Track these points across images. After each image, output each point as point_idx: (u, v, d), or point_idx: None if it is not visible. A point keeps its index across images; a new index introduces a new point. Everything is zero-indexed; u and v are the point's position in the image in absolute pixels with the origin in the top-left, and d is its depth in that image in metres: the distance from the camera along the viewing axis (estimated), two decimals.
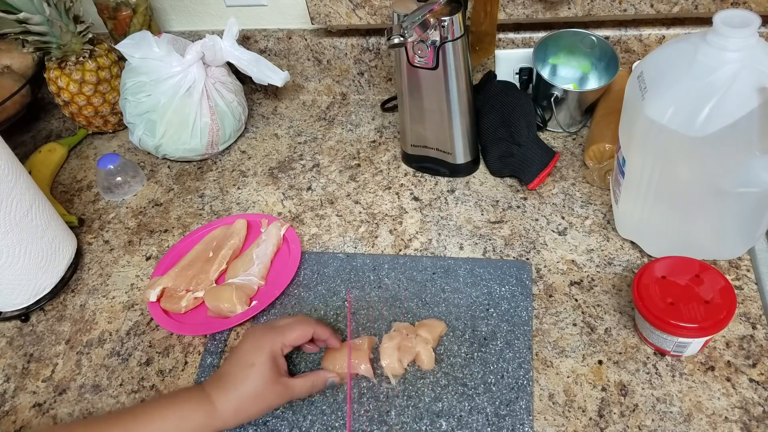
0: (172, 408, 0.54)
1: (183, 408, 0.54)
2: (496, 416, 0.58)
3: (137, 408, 0.55)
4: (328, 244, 0.78)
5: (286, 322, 0.61)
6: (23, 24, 0.84)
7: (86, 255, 0.83)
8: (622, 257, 0.70)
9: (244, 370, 0.56)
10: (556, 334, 0.64)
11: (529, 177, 0.78)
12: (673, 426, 0.56)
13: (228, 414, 0.55)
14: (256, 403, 0.56)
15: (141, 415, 0.53)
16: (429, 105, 0.77)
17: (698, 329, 0.55)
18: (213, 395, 0.55)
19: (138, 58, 0.86)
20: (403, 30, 0.64)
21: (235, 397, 0.55)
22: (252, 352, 0.57)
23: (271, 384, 0.56)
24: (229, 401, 0.55)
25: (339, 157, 0.91)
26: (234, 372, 0.56)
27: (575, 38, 0.84)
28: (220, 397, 0.55)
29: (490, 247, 0.74)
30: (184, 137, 0.89)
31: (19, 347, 0.73)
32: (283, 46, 0.99)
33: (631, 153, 0.62)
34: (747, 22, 0.52)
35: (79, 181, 0.95)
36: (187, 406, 0.54)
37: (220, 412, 0.54)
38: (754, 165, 0.56)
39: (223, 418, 0.54)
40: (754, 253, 0.68)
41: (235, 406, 0.55)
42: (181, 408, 0.54)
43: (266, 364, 0.56)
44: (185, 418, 0.54)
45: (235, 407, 0.55)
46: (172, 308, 0.71)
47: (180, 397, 0.56)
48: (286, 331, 0.59)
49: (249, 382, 0.55)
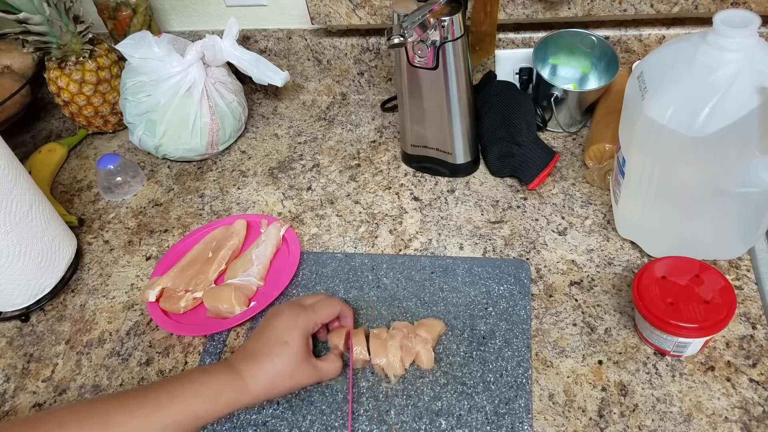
0: (204, 384, 0.54)
1: (215, 384, 0.54)
2: (496, 415, 0.58)
3: (167, 383, 0.54)
4: (328, 244, 0.78)
5: (313, 301, 0.62)
6: (23, 24, 0.84)
7: (86, 255, 0.83)
8: (622, 257, 0.70)
9: (277, 347, 0.56)
10: (556, 334, 0.64)
11: (529, 177, 0.78)
12: (673, 426, 0.56)
13: (259, 390, 0.55)
14: (286, 381, 0.56)
15: (174, 391, 0.53)
16: (429, 105, 0.77)
17: (698, 329, 0.55)
18: (244, 372, 0.55)
19: (138, 58, 0.86)
20: (403, 30, 0.64)
21: (267, 374, 0.55)
22: (286, 331, 0.57)
23: (303, 363, 0.57)
24: (261, 378, 0.55)
25: (339, 157, 0.91)
26: (266, 349, 0.56)
27: (575, 38, 0.84)
28: (252, 373, 0.55)
29: (490, 247, 0.74)
30: (184, 137, 0.89)
31: (19, 347, 0.73)
32: (283, 46, 0.99)
33: (631, 153, 0.62)
34: (747, 22, 0.52)
35: (79, 181, 0.95)
36: (219, 383, 0.54)
37: (252, 389, 0.54)
38: (754, 165, 0.56)
39: (255, 394, 0.55)
40: (754, 253, 0.68)
41: (268, 384, 0.55)
42: (213, 384, 0.54)
43: (299, 343, 0.57)
44: (218, 394, 0.53)
45: (267, 385, 0.55)
46: (171, 308, 0.71)
47: (210, 373, 0.55)
48: (317, 310, 0.60)
49: (282, 360, 0.56)
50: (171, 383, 0.54)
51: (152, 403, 0.51)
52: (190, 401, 0.52)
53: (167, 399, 0.52)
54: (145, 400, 0.52)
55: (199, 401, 0.53)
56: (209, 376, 0.55)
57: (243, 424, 0.60)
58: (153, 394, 0.52)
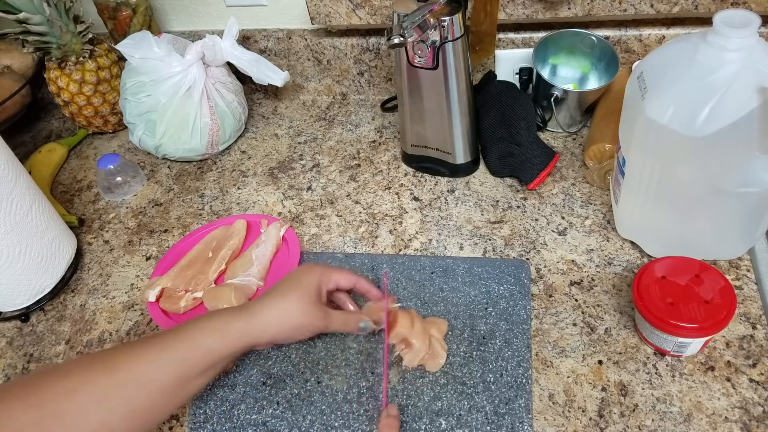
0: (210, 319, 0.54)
1: (221, 318, 0.55)
2: (496, 415, 0.58)
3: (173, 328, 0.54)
4: (328, 244, 0.78)
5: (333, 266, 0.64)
6: (23, 24, 0.84)
7: (86, 255, 0.83)
8: (622, 257, 0.70)
9: (290, 285, 0.58)
10: (556, 334, 0.64)
11: (529, 177, 0.78)
12: (673, 426, 0.56)
13: (267, 324, 0.56)
14: (295, 319, 0.57)
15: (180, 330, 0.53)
16: (429, 105, 0.77)
17: (698, 329, 0.55)
18: (253, 307, 0.56)
19: (138, 58, 0.86)
20: (403, 30, 0.64)
21: (278, 308, 0.56)
22: (302, 275, 0.59)
23: (314, 305, 0.58)
24: (269, 312, 0.56)
25: (339, 157, 0.91)
26: (280, 288, 0.58)
27: (575, 38, 0.84)
28: (261, 307, 0.56)
29: (490, 247, 0.74)
30: (184, 137, 0.89)
31: (19, 347, 0.73)
32: (283, 46, 0.99)
33: (631, 153, 0.62)
34: (747, 22, 0.52)
35: (79, 181, 0.95)
36: (225, 316, 0.55)
37: (259, 321, 0.55)
38: (754, 165, 0.56)
39: (262, 328, 0.55)
40: (754, 253, 0.68)
41: (276, 319, 0.56)
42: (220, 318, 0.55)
43: (313, 286, 0.58)
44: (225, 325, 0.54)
45: (275, 320, 0.56)
46: (171, 308, 0.71)
47: (216, 312, 0.56)
48: (335, 269, 0.62)
49: (294, 297, 0.57)
50: (176, 327, 0.54)
51: (159, 344, 0.52)
52: (197, 335, 0.53)
53: (173, 337, 0.52)
54: (151, 341, 0.52)
55: (206, 334, 0.53)
56: (215, 313, 0.56)
57: (243, 424, 0.60)
58: (160, 337, 0.53)
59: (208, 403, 0.63)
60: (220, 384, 0.64)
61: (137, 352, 0.51)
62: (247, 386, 0.64)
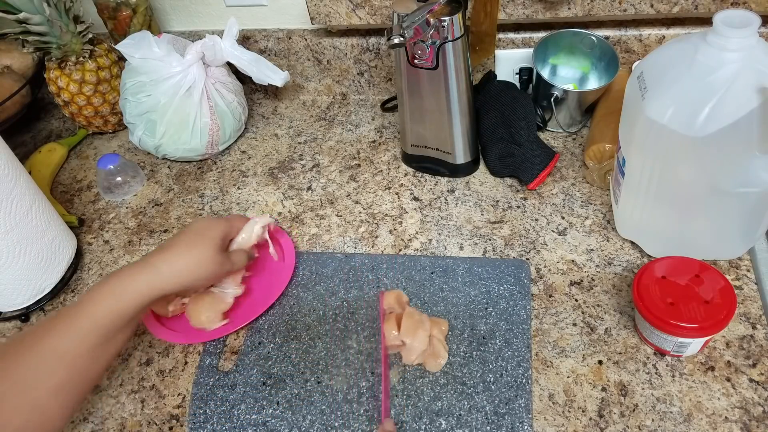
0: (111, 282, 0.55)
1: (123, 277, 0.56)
2: (496, 415, 0.58)
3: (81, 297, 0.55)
4: (328, 244, 0.78)
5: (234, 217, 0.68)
6: (23, 24, 0.84)
7: (86, 255, 0.83)
8: (622, 257, 0.70)
9: (195, 237, 0.61)
10: (556, 334, 0.64)
11: (529, 177, 0.78)
12: (673, 426, 0.56)
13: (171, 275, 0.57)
14: (203, 267, 0.60)
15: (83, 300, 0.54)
16: (429, 105, 0.77)
17: (698, 329, 0.55)
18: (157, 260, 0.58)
19: (138, 58, 0.86)
20: (403, 30, 0.64)
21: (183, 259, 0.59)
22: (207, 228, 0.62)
23: (218, 254, 0.61)
24: (175, 264, 0.58)
25: (339, 157, 0.91)
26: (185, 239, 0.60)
27: (575, 38, 0.84)
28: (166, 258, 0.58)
29: (490, 247, 0.74)
30: (184, 137, 0.89)
31: None
32: (283, 46, 0.99)
33: (631, 153, 0.62)
34: (747, 22, 0.52)
35: (79, 181, 0.95)
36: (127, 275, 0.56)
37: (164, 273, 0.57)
38: (754, 165, 0.56)
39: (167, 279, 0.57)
40: (754, 253, 0.68)
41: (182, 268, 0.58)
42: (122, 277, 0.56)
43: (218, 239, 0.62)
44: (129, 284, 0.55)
45: (181, 268, 0.58)
46: (160, 311, 0.70)
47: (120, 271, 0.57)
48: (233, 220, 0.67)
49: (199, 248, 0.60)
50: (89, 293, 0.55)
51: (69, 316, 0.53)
52: (100, 301, 0.54)
53: (79, 307, 0.53)
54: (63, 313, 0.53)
55: (108, 297, 0.54)
56: (116, 273, 0.56)
57: (243, 424, 0.60)
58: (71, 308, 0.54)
59: (208, 403, 0.63)
60: (220, 384, 0.64)
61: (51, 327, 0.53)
62: (247, 386, 0.64)
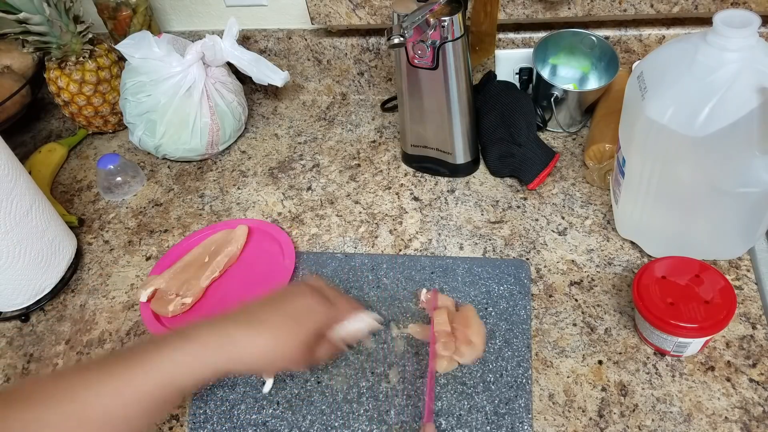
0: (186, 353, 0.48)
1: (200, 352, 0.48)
2: (496, 415, 0.58)
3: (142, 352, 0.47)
4: (328, 244, 0.78)
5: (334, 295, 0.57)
6: (23, 24, 0.84)
7: (86, 255, 0.83)
8: (622, 257, 0.70)
9: (289, 322, 0.51)
10: (556, 334, 0.64)
11: (529, 177, 0.78)
12: (673, 426, 0.56)
13: (252, 363, 0.51)
14: (281, 360, 0.51)
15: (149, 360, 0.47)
16: (429, 105, 0.77)
17: (698, 329, 0.55)
18: (241, 339, 0.50)
19: (138, 58, 0.86)
20: (403, 30, 0.64)
21: (268, 345, 0.50)
22: (305, 313, 0.53)
23: (304, 349, 0.52)
24: (259, 347, 0.50)
25: (339, 157, 0.91)
26: (279, 321, 0.51)
27: (575, 38, 0.84)
28: (251, 341, 0.50)
29: (490, 247, 0.74)
30: (184, 137, 0.89)
31: (19, 347, 0.73)
32: (283, 46, 0.99)
33: (631, 153, 0.62)
34: (747, 22, 0.52)
35: (79, 181, 0.95)
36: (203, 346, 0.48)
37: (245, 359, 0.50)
38: (754, 165, 0.56)
39: (247, 366, 0.51)
40: (754, 253, 0.68)
41: (263, 355, 0.50)
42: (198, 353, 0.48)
43: (311, 331, 0.52)
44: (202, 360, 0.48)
45: (262, 355, 0.50)
46: (160, 311, 0.71)
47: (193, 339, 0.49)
48: (340, 309, 0.56)
49: (289, 339, 0.51)
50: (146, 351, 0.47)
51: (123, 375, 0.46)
52: (168, 370, 0.46)
53: (140, 370, 0.46)
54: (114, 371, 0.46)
55: (180, 370, 0.47)
56: (192, 343, 0.48)
57: (243, 424, 0.60)
58: (123, 365, 0.46)
59: (208, 403, 0.63)
60: (220, 384, 0.64)
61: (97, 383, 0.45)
62: (247, 386, 0.64)
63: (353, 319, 0.58)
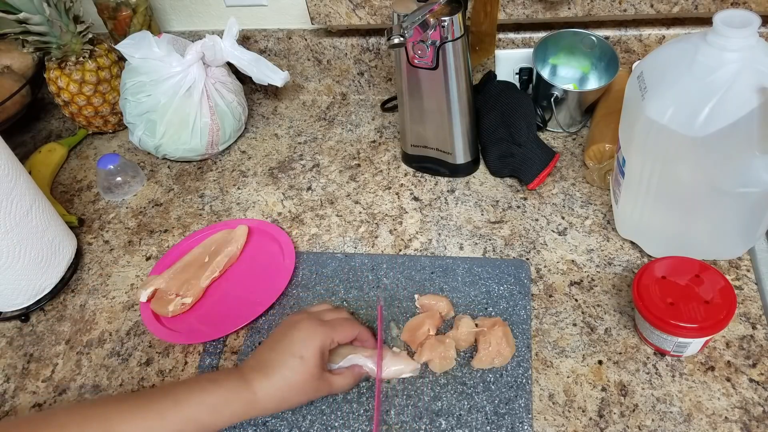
0: (212, 393, 0.53)
1: (223, 394, 0.53)
2: (496, 415, 0.58)
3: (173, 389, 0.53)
4: (328, 244, 0.78)
5: (333, 317, 0.61)
6: (23, 24, 0.84)
7: (86, 255, 0.83)
8: (622, 257, 0.70)
9: (292, 360, 0.55)
10: (556, 334, 0.64)
11: (529, 177, 0.78)
12: (673, 426, 0.56)
13: (268, 404, 0.54)
14: (297, 395, 0.55)
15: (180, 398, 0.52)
16: (429, 105, 0.77)
17: (698, 329, 0.55)
18: (255, 383, 0.54)
19: (138, 58, 0.86)
20: (403, 30, 0.64)
21: (278, 388, 0.54)
22: (302, 344, 0.56)
23: (315, 379, 0.56)
24: (272, 391, 0.54)
25: (339, 157, 0.91)
26: (281, 361, 0.55)
27: (575, 38, 0.84)
28: (263, 385, 0.54)
29: (490, 247, 0.74)
30: (184, 137, 0.89)
31: (19, 347, 0.73)
32: (283, 46, 0.99)
33: (631, 153, 0.62)
34: (747, 22, 0.52)
35: (79, 181, 0.95)
36: (227, 393, 0.53)
37: (261, 400, 0.54)
38: (754, 165, 0.56)
39: (263, 407, 0.54)
40: (754, 253, 0.68)
41: (278, 398, 0.54)
42: (221, 394, 0.53)
43: (315, 359, 0.55)
44: (225, 404, 0.52)
45: (277, 399, 0.54)
46: (160, 311, 0.71)
47: (219, 382, 0.54)
48: (337, 328, 0.59)
49: (295, 375, 0.55)
50: (176, 389, 0.53)
51: (156, 410, 0.51)
52: (195, 410, 0.52)
53: (172, 406, 0.51)
54: (149, 405, 0.51)
55: (205, 410, 0.52)
56: (218, 386, 0.53)
57: (243, 423, 0.60)
58: (157, 400, 0.52)
59: None
60: None
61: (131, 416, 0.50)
62: None
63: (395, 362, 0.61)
